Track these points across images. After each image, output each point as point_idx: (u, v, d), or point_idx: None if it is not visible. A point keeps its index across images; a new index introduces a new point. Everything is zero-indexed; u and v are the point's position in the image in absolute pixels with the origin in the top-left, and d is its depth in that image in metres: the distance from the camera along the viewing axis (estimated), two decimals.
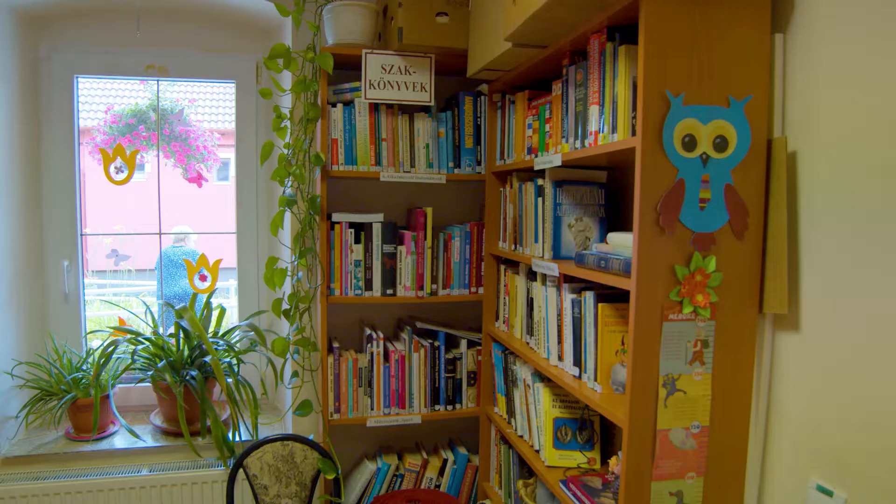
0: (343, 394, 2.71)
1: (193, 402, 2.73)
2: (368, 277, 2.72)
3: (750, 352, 1.72)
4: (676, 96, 1.59)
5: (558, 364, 2.16)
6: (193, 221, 4.74)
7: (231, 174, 8.18)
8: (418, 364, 2.78)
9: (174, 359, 2.76)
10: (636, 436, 1.65)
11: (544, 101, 2.28)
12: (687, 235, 1.63)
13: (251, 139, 3.10)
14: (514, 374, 2.53)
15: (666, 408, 1.66)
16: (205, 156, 4.33)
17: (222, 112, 6.32)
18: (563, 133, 2.10)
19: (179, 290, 4.55)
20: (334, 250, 2.68)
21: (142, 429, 2.87)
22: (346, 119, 2.65)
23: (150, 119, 3.94)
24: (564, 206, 2.21)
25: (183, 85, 4.34)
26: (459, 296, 2.82)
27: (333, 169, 2.64)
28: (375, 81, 2.61)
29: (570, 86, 2.05)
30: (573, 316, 2.04)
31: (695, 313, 1.65)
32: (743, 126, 1.65)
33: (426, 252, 2.74)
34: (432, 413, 2.81)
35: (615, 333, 1.89)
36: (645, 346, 1.63)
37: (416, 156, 2.74)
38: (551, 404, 2.26)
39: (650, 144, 1.59)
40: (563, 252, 2.20)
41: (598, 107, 1.87)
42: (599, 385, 1.90)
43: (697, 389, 1.68)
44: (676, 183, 1.61)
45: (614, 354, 1.89)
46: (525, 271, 2.47)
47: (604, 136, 1.83)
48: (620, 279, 1.71)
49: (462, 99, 2.76)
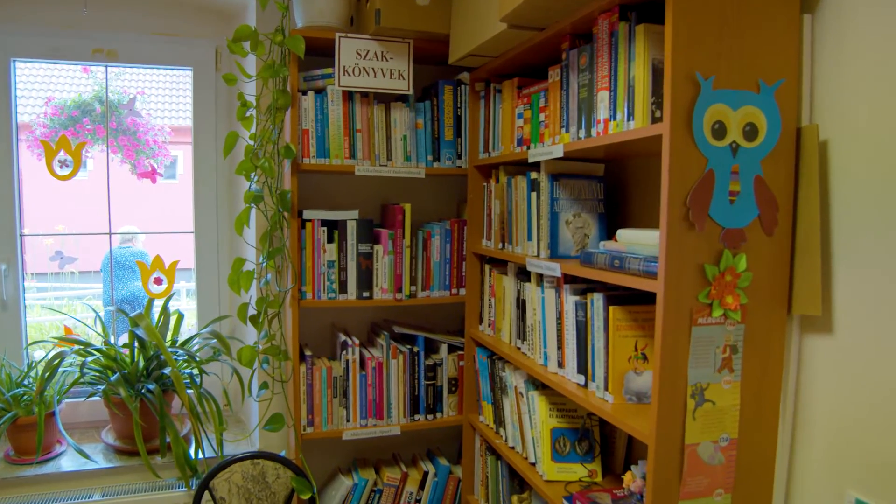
0: (316, 405, 2.48)
1: (151, 417, 2.46)
2: (343, 279, 2.49)
3: (779, 357, 1.57)
4: (706, 79, 1.42)
5: (558, 371, 1.98)
6: (140, 221, 4.41)
7: (179, 172, 7.75)
8: (396, 371, 2.56)
9: (129, 371, 2.48)
10: (663, 452, 1.48)
11: (538, 88, 2.10)
12: (716, 232, 1.47)
13: (210, 130, 2.83)
14: (502, 380, 2.34)
15: (694, 420, 1.49)
16: (155, 151, 4.01)
17: (173, 106, 5.96)
18: (563, 122, 1.92)
19: (128, 294, 4.21)
20: (305, 250, 2.44)
21: (92, 448, 2.57)
22: (318, 108, 2.41)
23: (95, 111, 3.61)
24: (562, 202, 2.03)
25: (131, 75, 4.01)
26: (440, 298, 2.61)
27: (305, 162, 2.40)
28: (350, 68, 2.39)
29: (572, 71, 1.87)
30: (576, 319, 1.86)
31: (724, 316, 1.49)
32: (773, 113, 1.49)
33: (405, 252, 2.53)
34: (412, 423, 2.60)
35: (628, 338, 1.72)
36: (672, 354, 1.46)
37: (393, 148, 2.52)
38: (548, 413, 2.08)
39: (679, 132, 1.42)
40: (561, 250, 2.03)
41: (609, 93, 1.69)
42: (611, 395, 1.73)
43: (726, 399, 1.52)
44: (706, 174, 1.45)
45: (627, 361, 1.72)
46: (514, 271, 2.29)
47: (616, 124, 1.66)
48: (641, 280, 1.53)
49: (441, 88, 2.55)
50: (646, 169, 2.05)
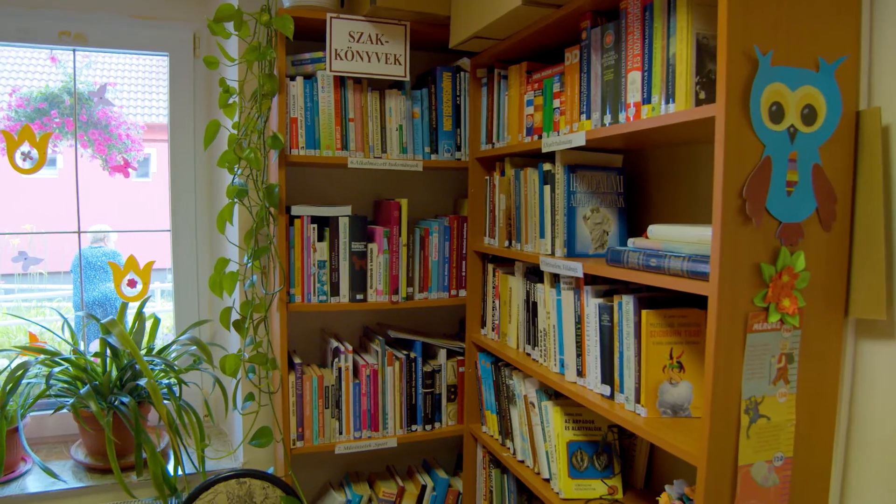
0: (307, 417, 2.25)
1: (125, 431, 2.22)
2: (335, 281, 2.27)
3: (835, 365, 1.39)
4: (765, 54, 1.24)
5: (578, 380, 1.78)
6: (113, 219, 4.14)
7: (153, 170, 7.42)
8: (392, 379, 2.35)
9: (100, 382, 2.23)
10: (714, 474, 1.29)
11: (551, 72, 1.90)
12: (772, 227, 1.29)
13: (188, 121, 2.59)
14: (509, 389, 2.14)
15: (748, 438, 1.31)
16: (128, 146, 3.74)
17: (146, 102, 5.67)
18: (583, 108, 1.73)
19: (99, 296, 3.94)
20: (294, 249, 2.22)
21: (61, 465, 2.32)
22: (308, 95, 2.19)
23: (64, 103, 3.34)
24: (579, 195, 1.83)
25: (101, 66, 3.75)
26: (439, 300, 2.41)
27: (293, 154, 2.18)
28: (342, 51, 2.17)
29: (594, 51, 1.68)
30: (600, 324, 1.67)
31: (781, 322, 1.31)
32: (833, 94, 1.31)
33: (401, 250, 2.32)
34: (409, 435, 2.39)
35: (662, 346, 1.53)
36: (726, 365, 1.27)
37: (388, 139, 2.31)
38: (563, 426, 1.89)
39: (734, 114, 1.23)
40: (579, 248, 1.83)
41: (641, 73, 1.50)
42: (644, 408, 1.54)
43: (781, 414, 1.34)
44: (763, 162, 1.26)
45: (662, 371, 1.53)
46: (523, 271, 2.09)
47: (652, 107, 1.47)
48: (686, 282, 1.34)
49: (439, 75, 2.35)
50: (669, 159, 1.86)
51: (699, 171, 1.75)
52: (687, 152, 1.80)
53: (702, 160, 1.75)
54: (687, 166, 1.80)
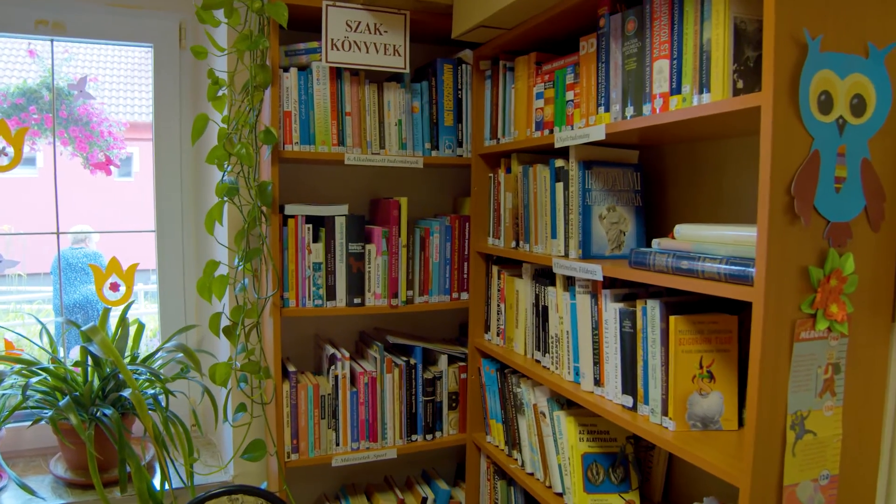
0: (302, 429, 2.11)
1: (107, 445, 2.07)
2: (331, 284, 2.13)
3: (881, 375, 1.29)
4: (814, 38, 1.12)
5: (595, 390, 1.66)
6: (94, 219, 3.96)
7: (135, 170, 7.21)
8: (392, 387, 2.22)
9: (81, 393, 2.08)
10: (758, 496, 1.17)
11: (563, 63, 1.78)
12: (820, 226, 1.18)
13: (174, 115, 2.43)
14: (517, 397, 2.02)
15: (794, 456, 1.19)
16: (110, 143, 3.57)
17: (128, 101, 5.47)
18: (601, 100, 1.61)
19: (81, 298, 3.76)
20: (288, 251, 2.08)
21: (39, 481, 2.16)
22: (302, 87, 2.05)
23: (43, 98, 3.17)
24: (594, 193, 1.71)
25: (81, 59, 3.58)
26: (440, 303, 2.28)
27: (287, 149, 2.04)
28: (338, 41, 2.03)
29: (614, 39, 1.56)
30: (621, 331, 1.55)
31: (829, 329, 1.19)
32: (883, 82, 1.21)
33: (401, 252, 2.19)
34: (409, 445, 2.25)
35: (691, 354, 1.42)
36: (772, 378, 1.16)
37: (387, 134, 2.18)
38: (578, 437, 1.77)
39: (782, 104, 1.11)
40: (595, 249, 1.71)
41: (670, 62, 1.38)
42: (672, 421, 1.42)
43: (828, 429, 1.22)
44: (811, 156, 1.15)
45: (691, 381, 1.42)
46: (531, 273, 1.97)
47: (683, 97, 1.35)
48: (725, 286, 1.23)
49: (440, 67, 2.22)
50: (689, 155, 1.75)
51: (724, 168, 1.64)
52: (709, 148, 1.68)
53: (726, 156, 1.63)
54: (709, 163, 1.68)
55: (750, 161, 1.57)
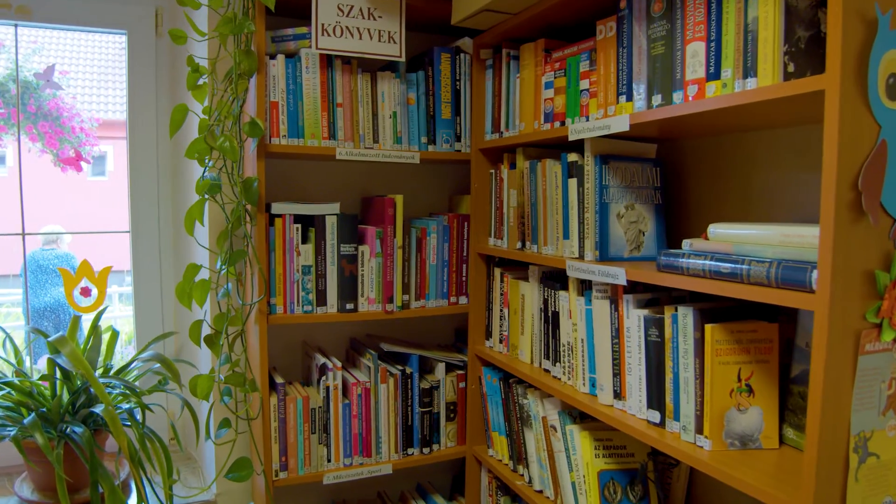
0: (291, 444, 1.94)
1: (78, 464, 1.88)
2: (321, 288, 1.96)
3: None
4: (885, 13, 0.98)
5: (615, 403, 1.52)
6: (65, 220, 3.75)
7: (109, 169, 6.93)
8: (386, 398, 2.05)
9: (48, 409, 1.89)
10: None
11: (576, 49, 1.64)
12: (886, 226, 1.04)
13: (150, 107, 2.25)
14: (523, 409, 1.87)
15: (857, 482, 1.06)
16: (81, 139, 3.35)
17: (100, 95, 5.23)
18: (622, 88, 1.46)
19: (52, 301, 3.53)
20: (275, 253, 1.91)
21: (3, 503, 1.97)
22: (290, 76, 1.88)
23: (10, 92, 2.95)
24: (612, 190, 1.57)
25: (50, 51, 3.37)
26: (437, 308, 2.12)
27: (273, 143, 1.87)
28: (330, 26, 1.87)
29: (638, 21, 1.41)
30: (646, 339, 1.40)
31: (895, 341, 1.06)
32: None
33: (396, 253, 2.03)
34: (405, 459, 2.09)
35: (728, 366, 1.28)
36: (835, 396, 1.02)
37: (381, 127, 2.02)
38: (593, 453, 1.62)
39: (849, 88, 0.97)
40: (613, 251, 1.57)
41: (705, 44, 1.24)
42: (707, 439, 1.28)
43: (891, 450, 1.09)
44: (878, 147, 1.01)
45: (728, 396, 1.28)
46: (538, 276, 1.82)
47: (723, 83, 1.21)
48: (776, 293, 1.08)
49: (437, 56, 2.06)
50: (713, 149, 1.61)
51: (754, 162, 1.50)
52: (734, 141, 1.55)
53: (755, 150, 1.50)
54: (736, 157, 1.54)
55: (784, 154, 1.44)
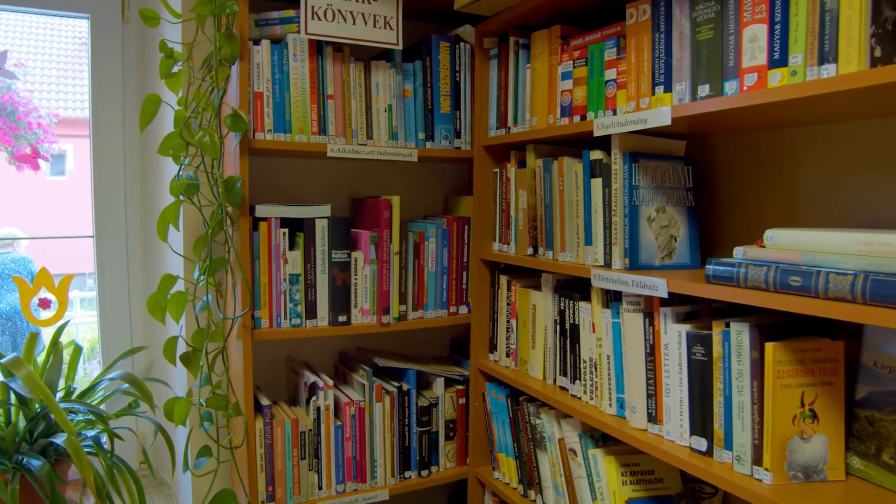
0: (278, 472, 1.74)
1: (36, 499, 1.66)
2: (311, 299, 1.77)
3: None
4: None
5: (650, 427, 1.36)
6: (22, 223, 3.47)
7: (69, 168, 6.57)
8: (382, 417, 1.87)
9: (1, 437, 1.66)
10: None
11: (601, 36, 1.47)
12: None
13: (115, 98, 2.02)
14: (536, 430, 1.70)
15: None
16: (40, 136, 3.08)
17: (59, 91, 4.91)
18: (660, 78, 1.30)
19: (8, 308, 3.25)
20: (260, 261, 1.71)
21: None
22: (276, 64, 1.68)
23: None
24: (642, 191, 1.41)
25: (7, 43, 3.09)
26: (436, 319, 1.94)
27: (258, 138, 1.67)
28: (320, 10, 1.67)
29: (679, 3, 1.25)
30: (690, 358, 1.24)
31: None
32: None
33: (392, 260, 1.84)
34: (402, 483, 1.91)
35: (792, 389, 1.12)
36: None
37: (375, 122, 1.83)
38: (620, 481, 1.46)
39: None
40: (643, 258, 1.41)
41: (768, 26, 1.08)
42: (768, 472, 1.12)
43: None
44: None
45: (791, 423, 1.12)
46: (552, 285, 1.65)
47: (791, 70, 1.05)
48: (862, 309, 0.93)
49: (435, 45, 1.88)
50: (750, 147, 1.46)
51: (800, 160, 1.35)
52: (775, 137, 1.40)
53: (803, 146, 1.35)
54: (777, 156, 1.39)
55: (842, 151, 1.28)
